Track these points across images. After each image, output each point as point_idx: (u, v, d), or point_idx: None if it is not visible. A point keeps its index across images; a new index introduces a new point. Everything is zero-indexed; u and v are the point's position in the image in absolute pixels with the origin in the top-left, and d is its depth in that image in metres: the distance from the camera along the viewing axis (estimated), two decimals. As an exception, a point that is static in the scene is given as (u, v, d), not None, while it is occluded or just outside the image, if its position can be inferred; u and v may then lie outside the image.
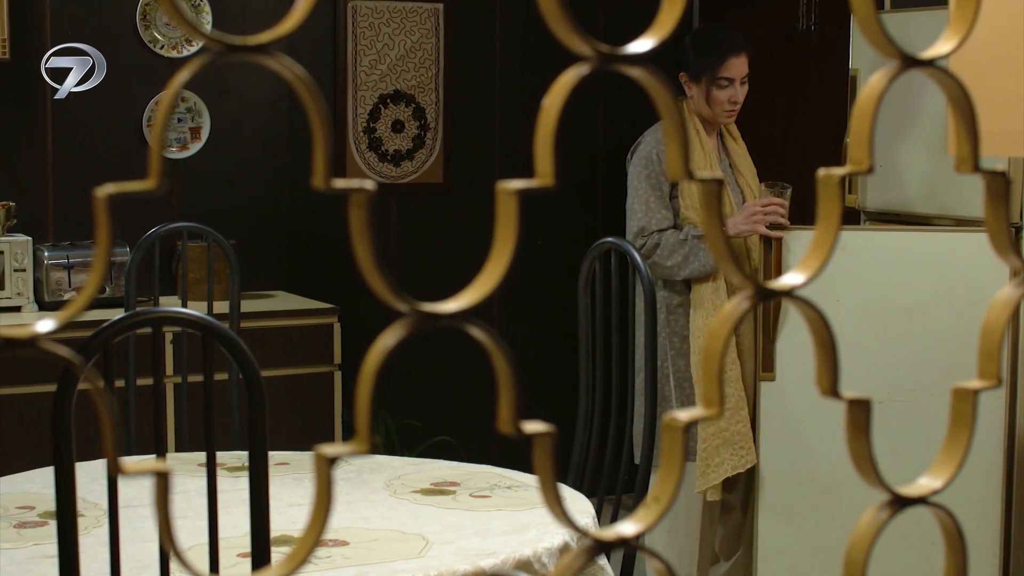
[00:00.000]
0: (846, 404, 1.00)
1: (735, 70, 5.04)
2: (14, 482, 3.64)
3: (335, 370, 5.76)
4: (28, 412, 5.20)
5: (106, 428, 0.93)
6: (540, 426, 0.91)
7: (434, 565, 2.94)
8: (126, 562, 2.61)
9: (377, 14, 6.48)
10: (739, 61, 5.05)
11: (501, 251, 0.92)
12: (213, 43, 0.90)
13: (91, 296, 0.88)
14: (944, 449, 1.04)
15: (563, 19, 0.91)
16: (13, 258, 5.49)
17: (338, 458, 0.89)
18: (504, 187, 0.91)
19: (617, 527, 0.94)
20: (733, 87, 5.04)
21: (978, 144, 1.03)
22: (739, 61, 5.05)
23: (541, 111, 0.93)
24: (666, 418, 0.94)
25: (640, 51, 0.95)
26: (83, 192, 6.08)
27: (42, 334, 0.87)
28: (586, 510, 3.38)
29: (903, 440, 4.81)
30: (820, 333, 0.99)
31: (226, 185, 6.13)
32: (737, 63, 5.05)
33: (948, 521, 1.04)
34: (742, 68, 5.06)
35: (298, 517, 3.25)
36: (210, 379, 2.57)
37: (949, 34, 1.04)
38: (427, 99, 6.60)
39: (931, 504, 1.03)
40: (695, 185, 0.95)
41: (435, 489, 3.59)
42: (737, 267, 0.95)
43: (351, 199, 0.90)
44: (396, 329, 0.90)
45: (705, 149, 5.05)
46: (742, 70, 5.06)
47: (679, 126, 0.94)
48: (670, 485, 0.94)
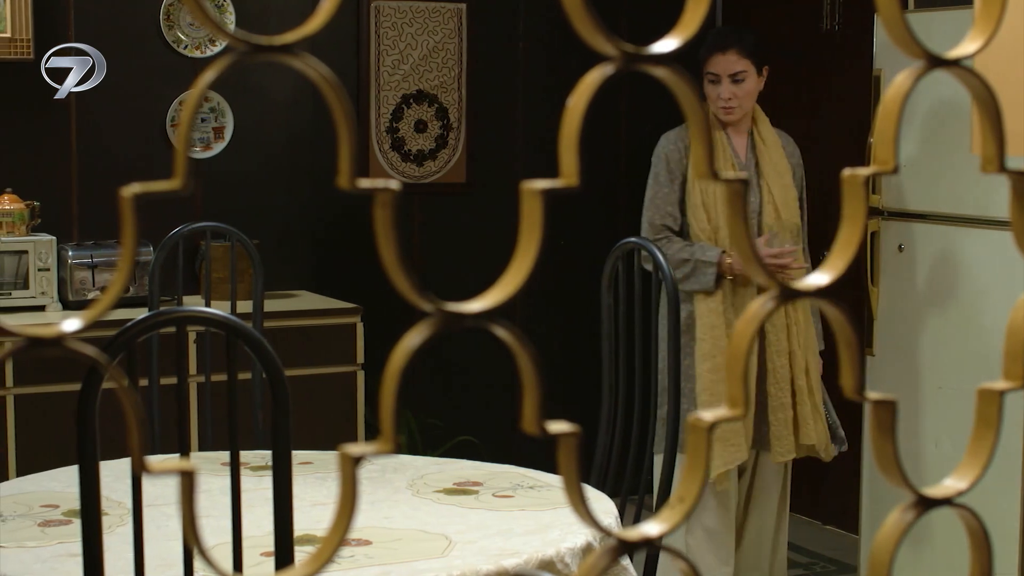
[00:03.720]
0: (871, 405, 0.99)
1: (720, 66, 5.07)
2: (38, 481, 3.65)
3: (358, 370, 5.77)
4: (52, 411, 5.22)
5: (131, 427, 0.93)
6: (564, 426, 0.91)
7: (457, 565, 2.94)
8: (150, 561, 2.62)
9: (400, 14, 6.49)
10: (724, 58, 5.07)
11: (526, 251, 0.92)
12: (239, 43, 0.90)
13: (117, 295, 0.88)
14: (970, 450, 1.03)
15: (588, 19, 0.91)
16: (37, 257, 5.51)
17: (363, 458, 0.89)
18: (529, 187, 0.91)
19: (641, 527, 0.94)
20: (722, 84, 5.06)
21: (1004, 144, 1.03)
22: (724, 58, 5.07)
23: (566, 111, 0.93)
24: (691, 418, 0.94)
25: (665, 51, 0.95)
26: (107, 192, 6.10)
27: (68, 333, 0.88)
28: (609, 510, 3.38)
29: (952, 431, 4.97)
30: (845, 333, 0.99)
31: (249, 185, 6.14)
32: (722, 60, 5.07)
33: (974, 522, 1.04)
34: (729, 65, 5.07)
35: (321, 516, 3.25)
36: (234, 378, 2.58)
37: (975, 34, 1.03)
38: (450, 99, 6.60)
39: (956, 505, 1.03)
40: (718, 186, 0.95)
41: (458, 489, 3.59)
42: (762, 268, 0.95)
43: (376, 199, 0.90)
44: (421, 329, 0.90)
45: (722, 148, 5.08)
46: (729, 67, 5.07)
47: (704, 126, 0.94)
48: (695, 485, 0.94)
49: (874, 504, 5.36)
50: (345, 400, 5.74)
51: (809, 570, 6.10)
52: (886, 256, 5.30)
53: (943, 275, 5.09)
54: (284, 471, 2.49)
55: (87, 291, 5.59)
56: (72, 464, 3.14)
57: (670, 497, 3.39)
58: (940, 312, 5.11)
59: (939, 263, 5.11)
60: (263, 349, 2.47)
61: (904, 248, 5.23)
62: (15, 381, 5.22)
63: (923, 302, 5.18)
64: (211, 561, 0.97)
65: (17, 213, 5.55)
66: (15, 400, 5.23)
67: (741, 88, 5.08)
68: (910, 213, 5.22)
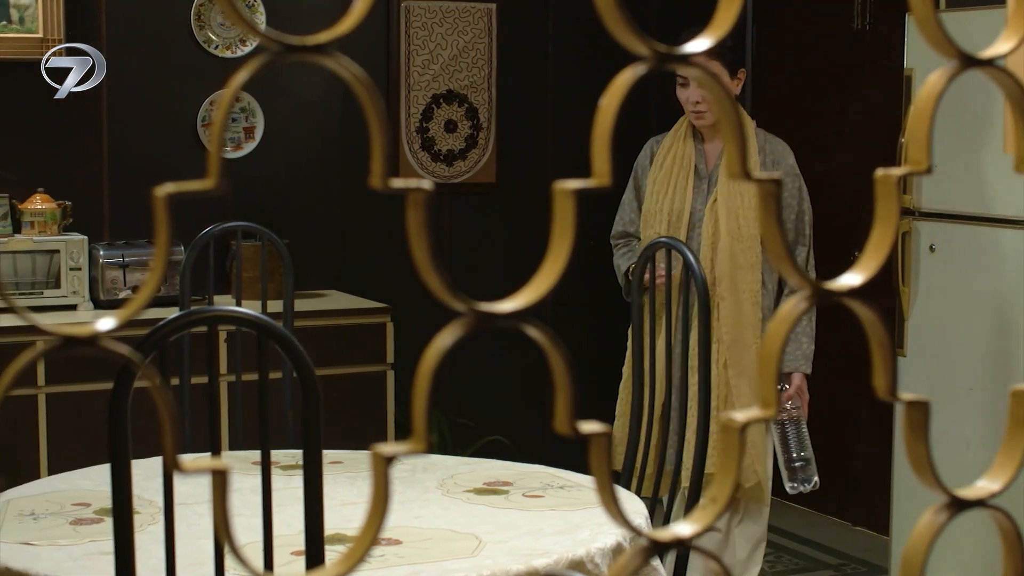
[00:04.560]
0: (904, 406, 0.99)
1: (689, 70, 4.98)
2: (70, 479, 3.66)
3: (388, 369, 5.77)
4: (83, 410, 5.24)
5: (165, 426, 0.94)
6: (596, 426, 0.91)
7: (487, 564, 2.94)
8: (181, 559, 2.62)
9: (430, 14, 6.49)
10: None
11: (558, 251, 0.92)
12: (272, 43, 0.90)
13: (151, 294, 0.89)
14: (1002, 451, 1.03)
15: (620, 18, 0.91)
16: (69, 257, 5.53)
17: (395, 457, 0.89)
18: (561, 187, 0.91)
19: (673, 527, 0.94)
20: (691, 87, 4.79)
21: (1038, 144, 1.02)
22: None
23: (598, 111, 0.93)
24: (723, 419, 0.94)
25: (697, 51, 0.94)
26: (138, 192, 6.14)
27: (103, 332, 0.88)
28: (639, 511, 3.38)
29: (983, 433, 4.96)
30: (878, 334, 0.99)
31: (280, 184, 6.16)
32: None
33: (1007, 524, 1.04)
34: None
35: (351, 515, 3.26)
36: (265, 378, 2.58)
37: (1008, 34, 1.03)
38: (480, 99, 6.60)
39: (990, 506, 1.02)
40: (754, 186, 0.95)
41: (488, 489, 3.59)
42: (794, 268, 0.94)
43: (408, 198, 0.90)
44: (453, 329, 0.90)
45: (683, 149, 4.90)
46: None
47: (736, 126, 0.94)
48: (727, 486, 0.94)
49: (905, 505, 5.35)
50: (375, 400, 5.75)
51: (839, 571, 6.09)
52: (917, 256, 5.28)
53: (975, 275, 5.07)
54: (315, 470, 2.49)
55: (118, 290, 5.61)
56: (103, 463, 3.15)
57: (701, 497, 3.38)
58: (972, 313, 5.09)
59: (971, 263, 5.09)
60: (294, 349, 2.47)
61: (936, 248, 5.21)
62: (46, 380, 5.24)
63: (955, 303, 5.16)
64: (243, 559, 0.97)
65: (49, 213, 5.57)
66: (47, 399, 5.25)
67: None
68: (942, 213, 5.21)
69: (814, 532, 6.59)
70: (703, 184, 4.83)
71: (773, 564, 6.12)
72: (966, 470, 5.01)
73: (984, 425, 5.02)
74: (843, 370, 6.56)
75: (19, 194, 5.61)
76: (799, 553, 6.29)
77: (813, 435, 6.87)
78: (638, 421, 4.03)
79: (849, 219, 6.47)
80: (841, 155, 6.64)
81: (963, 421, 5.10)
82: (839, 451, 6.74)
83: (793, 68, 6.96)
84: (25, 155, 5.72)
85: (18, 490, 3.51)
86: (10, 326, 5.17)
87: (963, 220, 5.12)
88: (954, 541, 5.00)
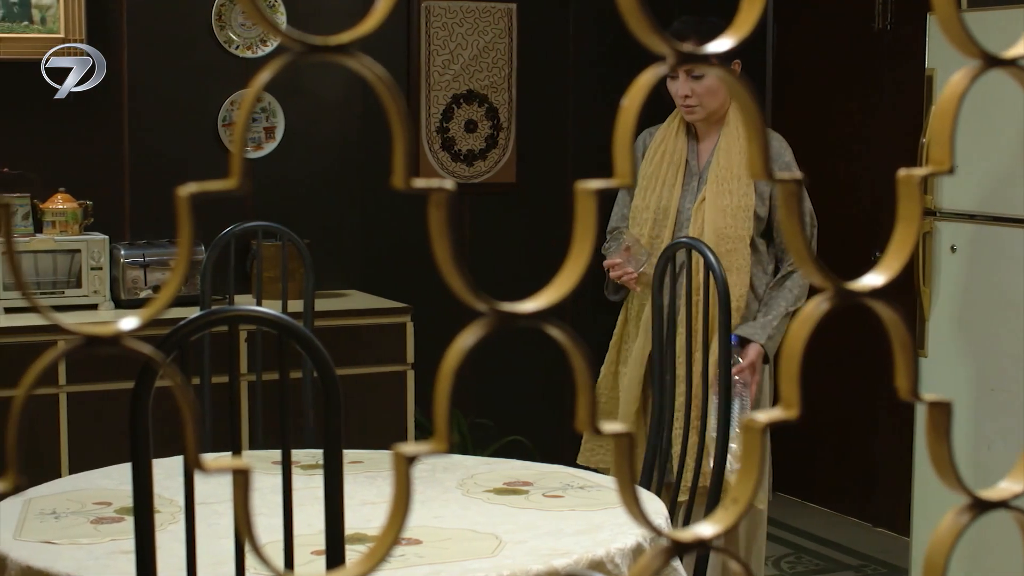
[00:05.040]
0: (927, 407, 0.99)
1: None
2: (91, 478, 3.67)
3: (408, 369, 5.78)
4: (104, 409, 5.25)
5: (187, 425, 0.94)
6: (618, 426, 0.91)
7: (507, 564, 2.94)
8: (201, 558, 2.63)
9: (450, 14, 6.50)
10: None
11: (580, 250, 0.92)
12: (294, 43, 0.90)
13: (174, 294, 0.89)
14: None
15: (642, 18, 0.91)
16: (90, 256, 5.54)
17: (417, 457, 0.89)
18: (583, 186, 0.91)
19: (695, 528, 0.94)
20: (679, 80, 4.63)
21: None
22: None
23: (620, 111, 0.93)
24: (745, 419, 0.94)
25: (719, 51, 0.94)
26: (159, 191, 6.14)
27: (125, 332, 0.88)
28: (659, 511, 3.38)
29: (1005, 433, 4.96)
30: (900, 335, 0.98)
31: (300, 184, 6.17)
32: None
33: (1029, 525, 1.03)
34: None
35: (371, 515, 3.26)
36: (286, 377, 2.59)
37: (1032, 33, 1.03)
38: (500, 99, 6.60)
39: (1012, 508, 1.02)
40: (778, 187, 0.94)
41: (508, 489, 3.59)
42: (818, 269, 0.94)
43: (430, 198, 0.90)
44: (475, 329, 0.90)
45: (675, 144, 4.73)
46: None
47: (759, 126, 0.94)
48: (749, 486, 0.94)
49: (925, 506, 5.33)
50: (395, 399, 5.76)
51: (860, 572, 6.08)
52: (938, 257, 5.27)
53: (996, 276, 5.06)
54: (335, 470, 2.50)
55: (139, 290, 5.62)
56: (124, 462, 3.16)
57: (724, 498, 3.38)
58: (993, 313, 5.08)
59: (992, 264, 5.08)
60: (315, 348, 2.48)
61: (957, 249, 5.20)
62: (67, 379, 5.25)
63: (976, 303, 5.15)
64: (265, 558, 0.98)
65: (70, 212, 5.58)
66: (67, 398, 5.27)
67: (700, 85, 4.62)
68: (963, 213, 5.19)
69: (834, 533, 6.58)
70: (693, 181, 4.69)
71: (794, 565, 6.12)
72: (987, 471, 4.99)
73: (1005, 426, 5.01)
74: (862, 371, 6.55)
75: (40, 194, 5.63)
76: (819, 554, 6.28)
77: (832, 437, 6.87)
78: (658, 425, 4.03)
79: (870, 219, 6.46)
80: (862, 155, 6.63)
81: (984, 422, 5.09)
82: (859, 452, 6.73)
83: (814, 68, 6.95)
84: (46, 155, 5.74)
85: (39, 489, 3.52)
86: (32, 325, 5.19)
87: (984, 220, 5.11)
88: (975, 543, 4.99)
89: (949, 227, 5.23)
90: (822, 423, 6.72)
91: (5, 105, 5.64)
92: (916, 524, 5.41)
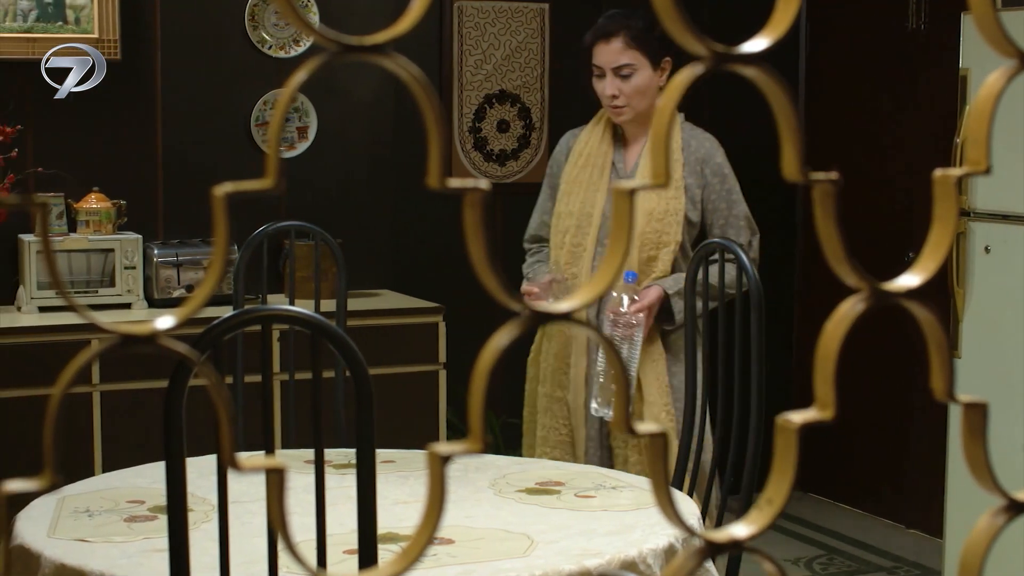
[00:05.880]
0: (962, 408, 0.98)
1: (602, 57, 4.35)
2: (124, 477, 3.69)
3: (440, 369, 5.78)
4: (137, 407, 5.27)
5: (222, 423, 0.94)
6: (653, 427, 0.91)
7: (539, 564, 2.94)
8: (234, 557, 2.64)
9: (483, 14, 6.50)
10: (608, 48, 4.35)
11: (615, 250, 0.92)
12: (330, 43, 0.90)
13: (210, 293, 0.89)
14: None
15: (678, 18, 0.90)
16: (124, 256, 5.56)
17: (451, 457, 0.89)
18: (620, 187, 0.91)
19: (730, 529, 0.94)
20: (606, 79, 4.36)
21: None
22: (608, 48, 4.35)
23: (656, 111, 0.93)
24: (780, 420, 0.94)
25: (755, 50, 0.94)
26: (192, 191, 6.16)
27: (162, 331, 0.89)
28: (692, 512, 3.37)
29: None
30: (935, 335, 0.98)
31: (333, 184, 6.18)
32: (605, 50, 4.36)
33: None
34: (612, 56, 4.35)
35: (404, 514, 3.26)
36: (319, 377, 2.59)
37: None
38: (532, 99, 6.61)
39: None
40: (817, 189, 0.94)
41: (540, 489, 3.59)
42: (853, 268, 0.94)
43: (465, 198, 0.90)
44: (509, 328, 0.90)
45: (600, 146, 4.47)
46: (612, 59, 4.34)
47: (795, 127, 0.93)
48: (784, 487, 0.93)
49: (959, 508, 5.32)
50: (427, 399, 5.76)
51: (892, 574, 6.06)
52: (972, 257, 5.25)
53: (1030, 277, 5.04)
54: (368, 469, 2.50)
55: (172, 289, 5.64)
56: (157, 460, 3.17)
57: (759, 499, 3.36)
58: (1027, 314, 5.06)
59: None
60: (348, 348, 2.48)
61: (991, 249, 5.17)
62: (101, 378, 5.27)
63: (1010, 304, 5.12)
64: (299, 556, 0.98)
65: (104, 212, 5.61)
66: (101, 396, 5.29)
67: (629, 84, 4.33)
68: (997, 214, 5.17)
69: (867, 535, 6.56)
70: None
71: (826, 566, 6.10)
72: (1021, 473, 4.97)
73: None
74: (895, 371, 6.53)
75: (74, 193, 5.66)
76: (851, 555, 6.26)
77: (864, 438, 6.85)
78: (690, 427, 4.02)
79: (903, 219, 6.44)
80: (895, 155, 6.61)
81: (1017, 423, 5.06)
82: (892, 453, 6.70)
83: (847, 68, 6.93)
84: (80, 154, 5.77)
85: (73, 487, 3.54)
86: (65, 324, 5.21)
87: (1019, 221, 5.09)
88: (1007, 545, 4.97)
89: (983, 227, 5.21)
90: (854, 424, 6.71)
91: (38, 104, 5.66)
92: (949, 526, 5.40)
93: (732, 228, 4.35)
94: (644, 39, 4.31)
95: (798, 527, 6.64)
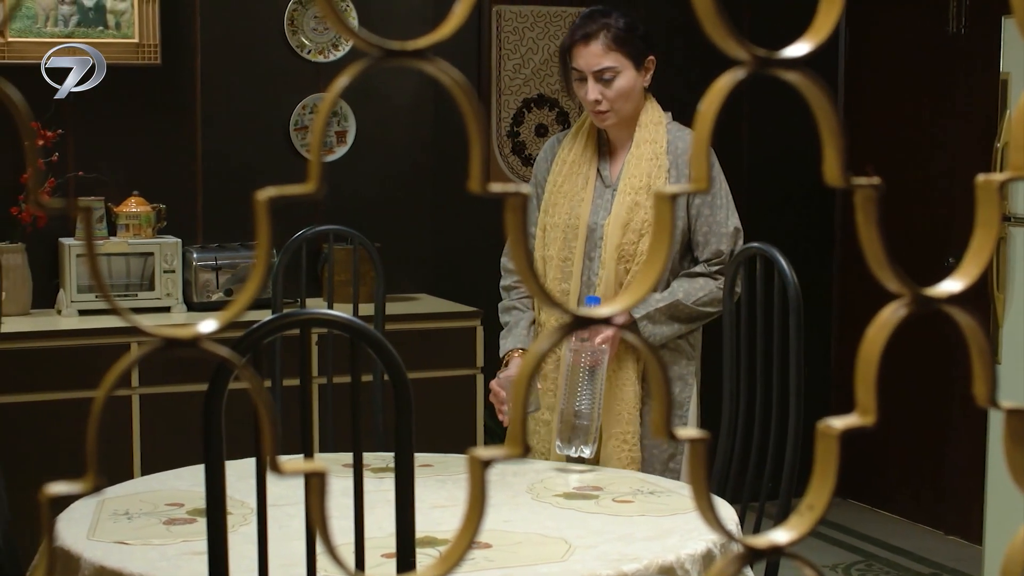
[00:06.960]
0: (1004, 414, 0.98)
1: (582, 60, 4.08)
2: (163, 479, 3.70)
3: (477, 373, 5.79)
4: (176, 410, 5.29)
5: (264, 426, 0.94)
6: (694, 432, 0.91)
7: (577, 569, 2.94)
8: (273, 560, 2.64)
9: (521, 19, 6.50)
10: (587, 51, 4.09)
11: (656, 255, 0.92)
12: (372, 48, 0.90)
13: (253, 296, 0.89)
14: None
15: (720, 22, 0.90)
16: (163, 259, 5.59)
17: (492, 461, 0.89)
18: (661, 192, 0.91)
19: (770, 534, 0.94)
20: (590, 83, 4.10)
21: None
22: (587, 51, 4.09)
23: (697, 115, 0.92)
24: (821, 425, 0.94)
25: (797, 55, 0.94)
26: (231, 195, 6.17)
27: (205, 334, 0.89)
28: (731, 517, 3.37)
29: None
30: (978, 341, 0.98)
31: (371, 188, 6.19)
32: (584, 53, 4.09)
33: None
34: (592, 59, 4.08)
35: (441, 519, 3.27)
36: (358, 380, 2.59)
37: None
38: (570, 103, 6.60)
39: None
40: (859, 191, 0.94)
41: (578, 493, 3.58)
42: (895, 273, 0.94)
43: (507, 203, 0.90)
44: (551, 334, 0.90)
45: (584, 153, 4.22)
46: (592, 62, 4.08)
47: (837, 132, 0.93)
48: (824, 493, 0.93)
49: (999, 514, 5.28)
50: (464, 403, 5.77)
51: (931, 580, 6.04)
52: (1013, 263, 5.22)
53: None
54: (406, 473, 2.50)
55: (211, 293, 5.66)
56: (196, 463, 3.18)
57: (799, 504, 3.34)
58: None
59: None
60: (387, 352, 2.48)
61: (1031, 255, 5.15)
62: (140, 381, 5.30)
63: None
64: (339, 560, 0.98)
65: (144, 216, 5.63)
66: (140, 400, 5.31)
67: (611, 88, 4.09)
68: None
69: (906, 541, 6.53)
70: (606, 194, 4.17)
71: (864, 572, 6.08)
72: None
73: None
74: (934, 377, 6.50)
75: (114, 197, 5.69)
76: (891, 562, 6.23)
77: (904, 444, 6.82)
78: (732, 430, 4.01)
79: (943, 224, 6.41)
80: (935, 160, 6.58)
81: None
82: (931, 459, 6.67)
83: (887, 72, 6.90)
84: (120, 158, 5.80)
85: (112, 490, 3.55)
86: (106, 327, 5.23)
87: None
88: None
89: (1023, 233, 5.18)
90: (894, 429, 6.68)
91: (78, 109, 5.69)
92: (989, 532, 5.37)
93: (714, 236, 4.14)
94: (626, 39, 4.09)
95: (836, 533, 6.62)
